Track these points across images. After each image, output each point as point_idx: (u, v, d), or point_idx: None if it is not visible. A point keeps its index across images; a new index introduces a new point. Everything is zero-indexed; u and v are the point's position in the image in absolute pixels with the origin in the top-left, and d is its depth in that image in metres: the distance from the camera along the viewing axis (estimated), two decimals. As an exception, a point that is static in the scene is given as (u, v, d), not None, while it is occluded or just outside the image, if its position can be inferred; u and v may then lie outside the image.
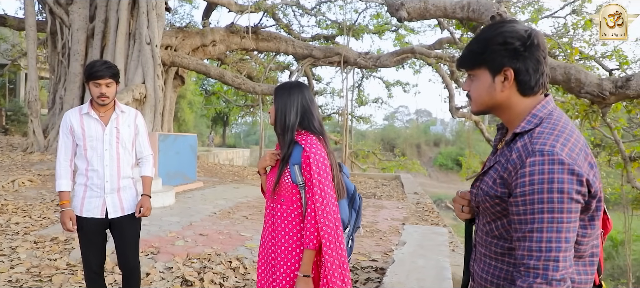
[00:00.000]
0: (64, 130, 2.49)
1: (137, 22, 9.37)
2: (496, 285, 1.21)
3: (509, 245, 1.18)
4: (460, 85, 16.00)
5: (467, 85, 1.27)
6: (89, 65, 2.37)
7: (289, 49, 13.14)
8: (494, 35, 1.16)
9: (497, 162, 1.20)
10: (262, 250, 1.92)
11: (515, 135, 1.17)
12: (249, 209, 6.63)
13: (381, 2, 14.71)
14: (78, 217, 2.48)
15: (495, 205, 1.17)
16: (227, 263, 4.03)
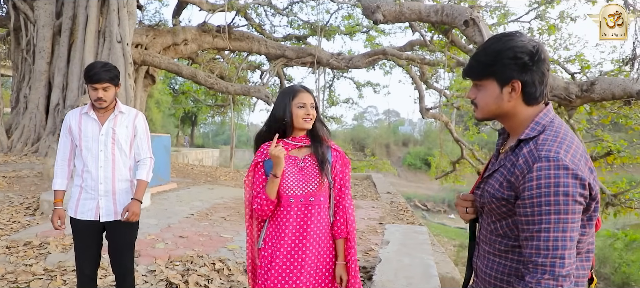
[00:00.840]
0: (63, 130, 2.47)
1: (107, 20, 9.14)
2: (500, 281, 1.29)
3: (513, 243, 1.26)
4: (429, 87, 16.36)
5: (472, 93, 1.34)
6: (88, 68, 2.33)
7: (262, 49, 13.09)
8: (504, 49, 1.22)
9: (502, 166, 1.28)
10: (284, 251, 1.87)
11: (519, 142, 1.25)
12: (226, 210, 6.58)
13: (353, 4, 14.87)
14: (72, 219, 2.42)
15: (501, 206, 1.25)
16: (210, 265, 4.01)
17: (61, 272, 3.71)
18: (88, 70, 2.32)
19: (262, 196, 1.84)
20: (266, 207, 1.83)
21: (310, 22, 15.69)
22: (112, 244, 2.49)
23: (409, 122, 42.64)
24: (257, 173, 1.90)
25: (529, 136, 1.23)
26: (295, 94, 1.90)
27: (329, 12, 16.66)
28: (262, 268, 1.89)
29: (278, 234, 1.88)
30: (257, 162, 1.91)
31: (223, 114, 21.18)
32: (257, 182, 1.90)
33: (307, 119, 1.87)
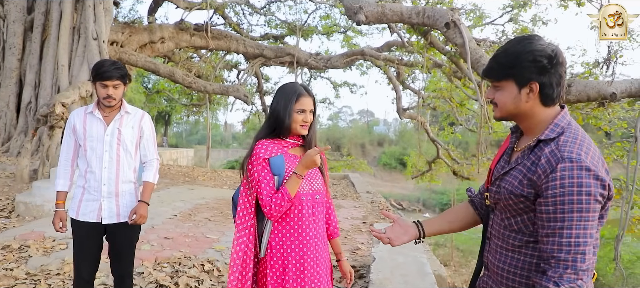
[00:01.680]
0: (67, 130, 2.42)
1: (82, 16, 8.90)
2: (513, 274, 1.34)
3: (527, 238, 1.31)
4: (406, 87, 16.56)
5: (490, 93, 1.39)
6: (97, 65, 2.31)
7: (240, 48, 13.00)
8: (524, 52, 1.27)
9: (521, 165, 1.32)
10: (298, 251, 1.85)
11: (538, 142, 1.30)
12: (209, 211, 6.51)
13: (332, 4, 14.92)
14: (73, 220, 2.37)
15: (519, 202, 1.30)
16: (199, 267, 3.97)
17: (45, 276, 3.61)
18: (98, 67, 2.29)
19: (284, 196, 1.77)
20: (285, 207, 1.78)
21: (288, 21, 15.66)
22: (114, 246, 2.45)
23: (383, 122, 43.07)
24: (263, 171, 1.82)
25: (549, 137, 1.28)
26: (297, 97, 1.87)
27: (306, 12, 16.67)
28: (273, 275, 1.82)
29: (290, 234, 1.84)
30: (264, 158, 1.82)
31: (198, 114, 20.88)
32: (264, 179, 1.81)
33: (304, 126, 1.87)
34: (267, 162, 1.84)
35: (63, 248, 4.33)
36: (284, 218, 1.85)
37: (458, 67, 10.13)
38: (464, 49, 6.44)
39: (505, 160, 1.45)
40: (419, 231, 1.63)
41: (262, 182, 1.81)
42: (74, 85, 8.28)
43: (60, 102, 6.79)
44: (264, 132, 1.92)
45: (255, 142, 1.90)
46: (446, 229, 1.69)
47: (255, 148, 1.85)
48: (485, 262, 1.48)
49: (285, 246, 1.83)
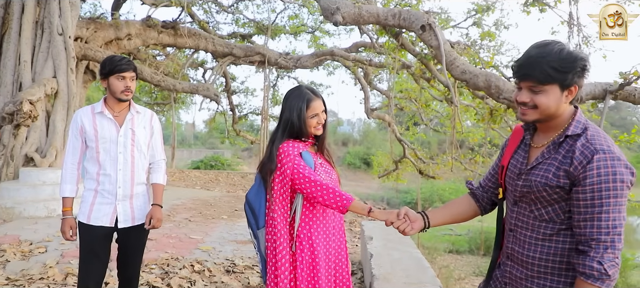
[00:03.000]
0: (73, 131, 2.33)
1: (46, 10, 8.52)
2: (545, 261, 1.43)
3: (559, 227, 1.41)
4: (373, 88, 16.79)
5: (526, 96, 1.42)
6: (109, 60, 2.28)
7: (209, 46, 12.78)
8: (575, 60, 1.36)
9: (551, 158, 1.42)
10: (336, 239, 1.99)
11: (566, 137, 1.41)
12: (187, 211, 6.42)
13: (300, 4, 14.95)
14: (84, 224, 2.28)
15: (554, 193, 1.39)
16: (189, 267, 3.92)
17: (27, 281, 3.48)
18: (111, 62, 2.26)
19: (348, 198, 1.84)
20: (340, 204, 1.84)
21: (256, 20, 15.55)
22: (124, 250, 2.40)
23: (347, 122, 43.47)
24: (302, 163, 1.92)
25: (576, 132, 1.39)
26: (308, 103, 1.96)
27: (274, 11, 16.57)
28: (303, 267, 1.88)
29: (317, 227, 1.94)
30: (295, 155, 1.92)
31: (162, 113, 20.37)
32: (307, 168, 1.91)
33: (318, 128, 2.00)
34: (300, 155, 1.94)
35: (42, 251, 4.17)
36: (312, 212, 1.94)
37: (428, 68, 10.38)
38: (439, 51, 6.63)
39: (522, 156, 1.54)
40: (425, 221, 1.74)
41: (306, 171, 1.89)
42: (38, 83, 7.92)
43: (27, 100, 6.49)
44: (280, 137, 1.99)
45: (274, 146, 1.97)
46: (449, 220, 1.79)
47: (283, 149, 1.93)
48: (508, 253, 1.55)
49: (313, 238, 1.92)
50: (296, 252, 1.92)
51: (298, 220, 1.94)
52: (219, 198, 8.76)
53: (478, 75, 6.59)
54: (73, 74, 8.54)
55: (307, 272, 1.90)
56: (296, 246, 1.92)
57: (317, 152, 2.07)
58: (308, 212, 1.95)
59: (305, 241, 1.92)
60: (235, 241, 5.01)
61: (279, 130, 2.01)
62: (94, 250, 2.31)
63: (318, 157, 2.05)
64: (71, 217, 2.33)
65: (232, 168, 22.45)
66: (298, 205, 1.96)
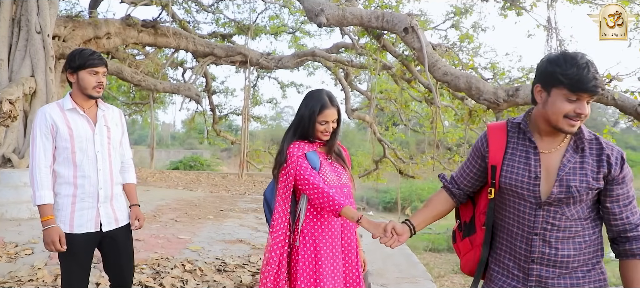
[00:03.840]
0: (42, 130, 2.12)
1: (23, 7, 8.32)
2: (579, 254, 1.54)
3: (584, 222, 1.55)
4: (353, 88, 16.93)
5: (585, 108, 1.46)
6: (80, 53, 2.14)
7: (190, 46, 12.70)
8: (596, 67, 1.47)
9: (583, 162, 1.52)
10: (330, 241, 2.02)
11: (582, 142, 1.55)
12: (173, 212, 6.39)
13: (281, 5, 14.97)
14: (66, 234, 2.13)
15: (590, 193, 1.52)
16: (181, 267, 3.93)
17: (16, 282, 3.44)
18: (82, 56, 2.12)
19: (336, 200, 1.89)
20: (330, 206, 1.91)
21: (237, 20, 15.50)
22: (115, 256, 2.30)
23: (326, 123, 43.42)
24: (303, 164, 1.98)
25: (591, 138, 1.55)
26: (322, 109, 2.02)
27: (255, 11, 16.51)
28: (304, 263, 1.95)
29: (322, 223, 1.99)
30: (298, 156, 1.99)
31: (140, 113, 20.08)
32: (308, 170, 1.97)
33: (325, 134, 2.05)
34: (305, 156, 2.00)
35: (28, 253, 4.12)
36: (318, 211, 2.01)
37: (409, 69, 10.56)
38: (421, 53, 6.77)
39: (533, 161, 1.55)
40: (410, 228, 1.77)
41: (307, 173, 1.96)
42: (17, 82, 7.75)
43: (7, 99, 6.36)
44: (291, 135, 2.07)
45: (284, 145, 2.04)
46: (431, 221, 1.83)
47: (289, 151, 2.01)
48: (535, 257, 1.56)
49: (316, 234, 1.99)
50: (299, 247, 1.99)
51: (303, 216, 2.01)
52: (203, 198, 8.73)
53: (459, 77, 6.76)
54: (52, 73, 8.37)
55: (309, 267, 1.96)
56: (299, 240, 2.00)
57: (328, 153, 2.12)
58: (314, 210, 2.01)
59: (308, 237, 1.99)
60: (223, 241, 5.03)
61: (292, 128, 2.09)
62: (78, 260, 2.18)
63: (327, 158, 2.10)
64: (56, 225, 2.11)
65: (211, 168, 22.30)
66: (303, 203, 2.02)
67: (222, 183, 13.30)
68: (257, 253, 4.57)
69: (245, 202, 8.68)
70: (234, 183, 13.34)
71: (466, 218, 1.83)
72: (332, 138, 2.09)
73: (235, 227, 5.80)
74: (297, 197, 2.07)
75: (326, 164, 2.07)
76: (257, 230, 5.72)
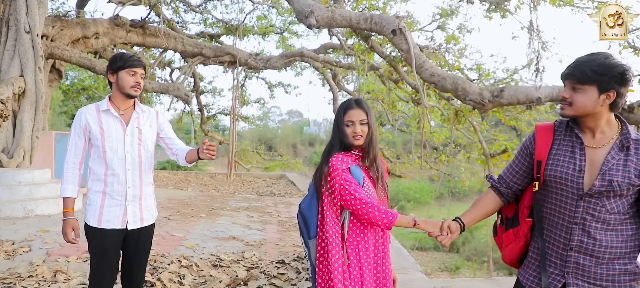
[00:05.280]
0: (76, 130, 2.28)
1: (12, 7, 8.31)
2: (619, 247, 1.64)
3: (624, 217, 1.65)
4: (341, 88, 17.09)
5: (567, 93, 1.67)
6: (121, 56, 2.28)
7: (178, 46, 12.72)
8: (614, 66, 1.58)
9: (627, 160, 1.64)
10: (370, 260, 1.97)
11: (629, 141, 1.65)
12: (165, 210, 6.46)
13: (270, 5, 15.05)
14: (94, 229, 2.26)
15: (632, 189, 1.63)
16: (177, 263, 4.03)
17: (16, 279, 3.51)
18: (121, 58, 2.26)
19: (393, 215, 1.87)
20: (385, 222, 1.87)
21: (225, 20, 15.55)
22: (132, 253, 2.37)
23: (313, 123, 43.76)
24: (348, 178, 1.93)
25: (637, 138, 1.65)
26: (345, 110, 1.98)
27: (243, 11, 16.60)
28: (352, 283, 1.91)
29: (364, 241, 1.96)
30: (342, 170, 1.93)
31: (127, 113, 19.94)
32: (353, 185, 1.91)
33: (356, 137, 1.96)
34: (349, 171, 1.94)
35: (26, 251, 4.18)
36: (359, 227, 1.96)
37: (396, 70, 10.74)
38: (409, 55, 6.94)
39: (578, 155, 1.69)
40: (461, 225, 1.90)
41: (352, 188, 1.90)
42: (6, 81, 7.74)
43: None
44: (330, 147, 2.03)
45: (325, 157, 1.99)
46: (480, 218, 1.95)
47: (331, 163, 1.94)
48: (574, 245, 1.68)
49: (361, 252, 1.95)
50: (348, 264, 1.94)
51: (345, 234, 1.96)
52: (194, 197, 8.80)
53: (446, 78, 6.95)
54: (41, 72, 8.38)
55: (356, 284, 1.92)
56: (347, 257, 1.94)
57: (369, 167, 2.02)
58: (355, 226, 1.96)
59: (353, 256, 1.94)
60: (217, 238, 5.13)
61: (331, 140, 2.05)
62: (106, 255, 2.26)
63: (369, 173, 2.02)
64: (73, 218, 2.26)
65: (199, 168, 22.27)
66: (346, 219, 1.97)
67: (211, 183, 13.35)
68: (250, 249, 4.68)
69: (236, 200, 8.77)
70: (223, 183, 13.40)
71: (508, 214, 1.94)
72: (369, 147, 2.00)
73: (227, 225, 5.90)
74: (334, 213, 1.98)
75: (368, 180, 2.00)
76: (249, 228, 5.82)
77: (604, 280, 1.64)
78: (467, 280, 5.72)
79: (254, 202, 8.67)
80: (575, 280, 1.68)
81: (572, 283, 1.68)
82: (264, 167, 19.87)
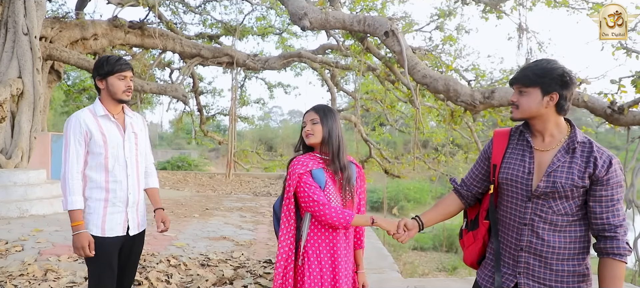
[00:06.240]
0: (75, 136, 2.16)
1: (10, 9, 8.41)
2: (564, 249, 1.68)
3: (571, 218, 1.68)
4: (339, 89, 17.17)
5: (515, 96, 1.75)
6: (107, 60, 2.21)
7: (177, 47, 12.81)
8: (554, 68, 1.66)
9: (572, 162, 1.67)
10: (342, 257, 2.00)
11: (575, 144, 1.69)
12: (159, 211, 6.55)
13: (268, 6, 15.14)
14: (98, 238, 2.19)
15: (575, 191, 1.66)
16: (166, 262, 4.10)
17: (7, 277, 3.59)
18: (110, 61, 2.20)
19: (349, 216, 1.92)
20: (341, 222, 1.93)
21: (224, 21, 15.64)
22: (127, 258, 2.35)
23: (314, 123, 43.63)
24: (308, 181, 1.97)
25: (583, 141, 1.69)
26: (303, 116, 2.10)
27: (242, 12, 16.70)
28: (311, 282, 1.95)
29: (324, 242, 1.99)
30: (300, 174, 1.97)
31: (128, 113, 20.06)
32: (312, 187, 1.96)
33: (307, 135, 2.05)
34: (310, 173, 1.99)
35: (19, 250, 4.26)
36: (320, 229, 2.01)
37: (392, 71, 10.80)
38: (401, 56, 7.00)
39: (528, 158, 1.75)
40: (419, 224, 1.96)
41: (310, 190, 1.95)
42: (4, 83, 7.84)
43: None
44: (296, 150, 2.13)
45: (289, 161, 2.06)
46: (440, 219, 2.00)
47: (292, 164, 2.02)
48: (524, 245, 1.73)
49: (319, 253, 1.99)
50: (303, 267, 1.98)
51: (305, 236, 1.99)
52: (189, 197, 8.88)
53: (438, 80, 7.01)
54: (39, 74, 8.48)
55: (314, 284, 1.97)
56: (303, 261, 1.98)
57: (335, 172, 2.05)
58: (316, 228, 2.00)
59: (313, 258, 1.98)
60: (208, 238, 5.21)
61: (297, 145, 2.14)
62: (110, 263, 2.23)
63: (335, 178, 2.05)
64: (86, 230, 2.15)
65: (199, 168, 22.39)
66: (306, 221, 2.01)
67: (209, 183, 13.43)
68: (239, 249, 4.76)
69: (231, 201, 8.85)
70: (221, 183, 13.48)
71: (472, 217, 1.99)
72: (330, 150, 2.04)
73: (220, 225, 5.98)
74: (302, 214, 2.04)
75: (332, 184, 2.02)
76: (240, 228, 5.90)
77: (553, 281, 1.69)
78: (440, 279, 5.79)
79: (248, 202, 8.75)
80: (526, 280, 1.73)
81: (523, 283, 1.73)
82: (263, 167, 19.97)
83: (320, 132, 2.04)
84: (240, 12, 17.60)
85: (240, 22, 15.54)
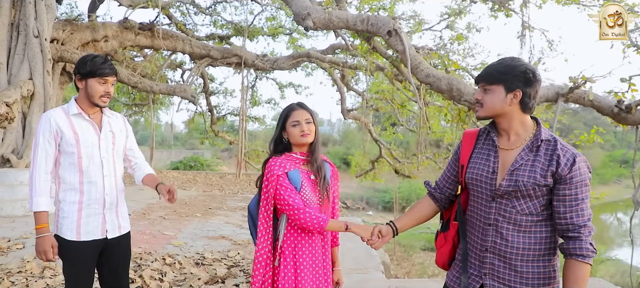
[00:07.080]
0: (45, 135, 2.08)
1: (21, 12, 8.62)
2: (528, 249, 1.65)
3: (535, 218, 1.65)
4: (349, 89, 17.15)
5: (480, 95, 1.73)
6: (91, 60, 2.11)
7: (186, 48, 12.95)
8: (517, 66, 1.64)
9: (536, 161, 1.64)
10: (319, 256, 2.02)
11: (540, 141, 1.66)
12: (162, 210, 6.62)
13: (278, 6, 15.19)
14: (73, 242, 2.12)
15: (539, 191, 1.62)
16: (161, 261, 4.15)
17: (6, 274, 3.68)
18: (91, 63, 2.10)
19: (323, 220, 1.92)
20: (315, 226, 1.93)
21: (234, 22, 15.74)
22: (112, 263, 2.27)
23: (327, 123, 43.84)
24: (284, 183, 1.95)
25: (548, 139, 1.65)
26: (288, 113, 2.03)
27: (252, 13, 16.75)
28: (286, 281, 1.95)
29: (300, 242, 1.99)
30: (278, 175, 1.95)
31: (140, 114, 20.38)
32: (288, 191, 1.94)
33: (304, 135, 1.98)
34: (286, 175, 1.96)
35: (20, 248, 4.36)
36: (295, 228, 2.00)
37: (399, 70, 10.77)
38: (404, 56, 6.97)
39: (493, 157, 1.72)
40: (393, 229, 1.95)
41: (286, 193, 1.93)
42: (14, 84, 8.03)
43: (4, 102, 6.62)
44: (271, 151, 2.08)
45: (265, 162, 2.03)
46: (414, 223, 1.99)
47: (267, 167, 1.98)
48: (488, 246, 1.71)
49: (296, 254, 1.99)
50: (280, 267, 1.97)
51: (281, 236, 1.99)
52: (194, 197, 8.97)
53: (441, 79, 6.96)
54: (49, 75, 8.66)
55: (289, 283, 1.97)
56: (279, 261, 1.97)
57: (311, 171, 2.04)
58: (293, 230, 2.00)
59: (289, 258, 1.97)
60: (206, 237, 5.26)
61: (271, 143, 2.08)
62: (86, 268, 2.15)
63: (311, 176, 2.03)
64: (50, 234, 2.07)
65: (211, 168, 22.58)
66: (283, 221, 2.01)
67: (217, 183, 13.54)
68: (236, 248, 4.79)
69: (235, 200, 8.91)
70: (230, 183, 13.58)
71: (446, 219, 1.98)
72: (313, 151, 2.03)
73: (220, 224, 6.03)
74: (278, 214, 2.03)
75: (308, 184, 2.01)
76: (240, 228, 5.94)
77: (517, 282, 1.65)
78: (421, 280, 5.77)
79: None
80: (491, 281, 1.70)
81: (488, 284, 1.70)
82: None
83: (314, 132, 2.03)
84: (251, 12, 17.61)
85: (250, 22, 15.63)
